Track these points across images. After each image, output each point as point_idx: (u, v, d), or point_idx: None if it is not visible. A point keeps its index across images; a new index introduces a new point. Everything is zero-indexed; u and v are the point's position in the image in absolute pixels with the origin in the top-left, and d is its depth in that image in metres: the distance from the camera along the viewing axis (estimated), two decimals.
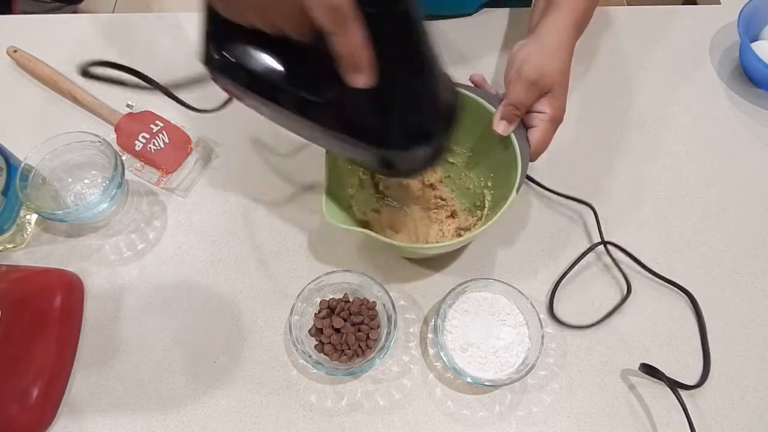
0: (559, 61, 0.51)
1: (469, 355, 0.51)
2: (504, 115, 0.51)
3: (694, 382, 0.52)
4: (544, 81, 0.49)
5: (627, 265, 0.58)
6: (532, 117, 0.51)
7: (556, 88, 0.50)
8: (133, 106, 0.66)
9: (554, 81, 0.50)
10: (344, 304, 0.54)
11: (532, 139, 0.51)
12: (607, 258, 0.59)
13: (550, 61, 0.50)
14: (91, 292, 0.58)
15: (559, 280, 0.57)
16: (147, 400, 0.52)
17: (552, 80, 0.50)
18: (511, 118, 0.51)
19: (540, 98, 0.51)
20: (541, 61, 0.50)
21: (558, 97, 0.51)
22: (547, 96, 0.51)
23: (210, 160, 0.65)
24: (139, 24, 0.76)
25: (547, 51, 0.51)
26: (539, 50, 0.51)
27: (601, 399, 0.52)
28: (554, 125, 0.51)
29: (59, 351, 0.53)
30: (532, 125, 0.51)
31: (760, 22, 0.69)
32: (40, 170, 0.59)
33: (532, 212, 0.62)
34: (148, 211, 0.62)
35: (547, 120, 0.50)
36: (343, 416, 0.51)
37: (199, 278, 0.58)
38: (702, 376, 0.53)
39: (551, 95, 0.50)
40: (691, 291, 0.56)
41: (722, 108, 0.69)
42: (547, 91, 0.50)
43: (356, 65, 0.34)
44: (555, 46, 0.51)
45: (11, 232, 0.58)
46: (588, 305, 0.57)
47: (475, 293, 0.54)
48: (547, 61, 0.50)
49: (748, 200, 0.62)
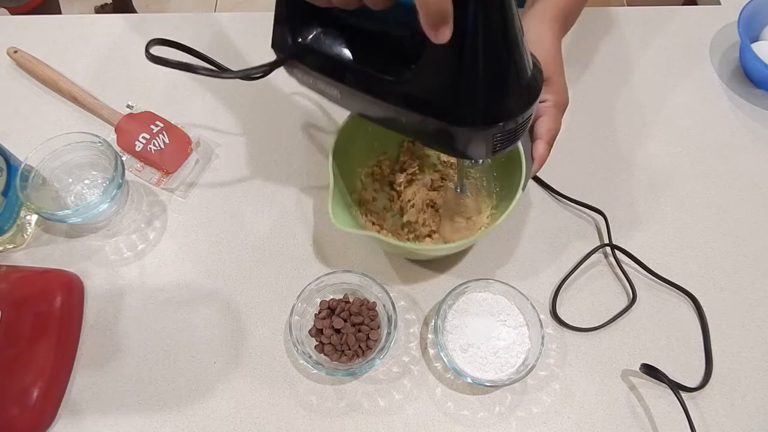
0: (544, 50, 0.51)
1: (470, 355, 0.51)
2: None
3: (696, 384, 0.52)
4: None
5: (631, 267, 0.58)
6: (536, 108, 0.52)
7: (551, 75, 0.51)
8: (133, 107, 0.66)
9: (545, 69, 0.50)
10: (344, 305, 0.54)
11: (542, 128, 0.51)
12: (611, 260, 0.59)
13: (533, 53, 0.51)
14: (91, 292, 0.58)
15: (563, 281, 0.57)
16: (147, 401, 0.52)
17: (543, 69, 0.50)
18: None
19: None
20: None
21: (555, 82, 0.51)
22: (544, 85, 0.51)
23: (210, 160, 0.65)
24: (140, 24, 0.76)
25: (529, 45, 0.52)
26: None
27: (601, 400, 0.52)
28: (559, 109, 0.51)
29: (59, 351, 0.53)
30: (540, 115, 0.51)
31: (760, 22, 0.69)
32: (40, 171, 0.59)
33: (531, 212, 0.62)
34: (149, 211, 0.62)
35: (551, 106, 0.51)
36: (343, 417, 0.51)
37: (200, 278, 0.58)
38: (704, 378, 0.53)
39: (548, 83, 0.51)
40: (691, 292, 0.56)
41: (722, 109, 0.68)
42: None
43: (441, 17, 0.32)
44: (535, 38, 0.52)
45: (11, 233, 0.58)
46: (590, 307, 0.56)
47: (476, 294, 0.54)
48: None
49: (748, 201, 0.62)
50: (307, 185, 0.64)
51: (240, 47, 0.73)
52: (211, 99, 0.70)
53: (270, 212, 0.62)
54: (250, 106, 0.69)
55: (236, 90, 0.70)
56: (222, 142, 0.67)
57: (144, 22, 0.76)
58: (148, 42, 0.44)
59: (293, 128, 0.68)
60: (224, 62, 0.49)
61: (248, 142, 0.67)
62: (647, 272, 0.57)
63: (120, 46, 0.74)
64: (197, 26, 0.76)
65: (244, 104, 0.69)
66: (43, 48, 0.71)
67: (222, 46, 0.73)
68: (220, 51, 0.73)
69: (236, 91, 0.70)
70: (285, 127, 0.68)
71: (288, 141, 0.67)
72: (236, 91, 0.70)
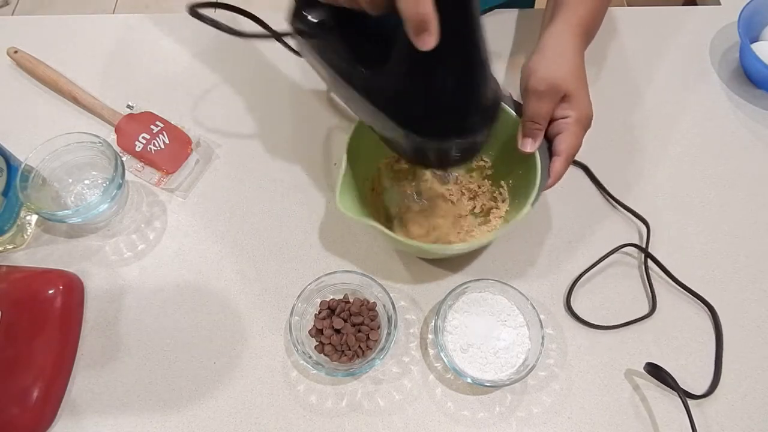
0: (566, 64, 0.51)
1: (470, 355, 0.51)
2: (526, 133, 0.51)
3: (702, 391, 0.52)
4: (554, 89, 0.49)
5: (655, 273, 0.58)
6: (557, 125, 0.51)
7: (573, 91, 0.50)
8: (133, 107, 0.66)
9: (567, 84, 0.50)
10: (344, 305, 0.54)
11: (561, 146, 0.50)
12: (633, 262, 0.59)
13: (554, 68, 0.50)
14: (91, 292, 0.58)
15: (581, 275, 0.57)
16: (147, 401, 0.52)
17: (564, 84, 0.50)
18: (534, 133, 0.51)
19: (559, 105, 0.50)
20: (546, 72, 0.50)
21: (578, 98, 0.50)
22: (566, 100, 0.50)
23: (210, 160, 0.65)
24: (139, 24, 0.76)
25: (550, 59, 0.51)
26: (543, 62, 0.51)
27: (601, 400, 0.52)
28: (581, 126, 0.51)
29: (59, 351, 0.53)
30: (560, 131, 0.51)
31: (760, 22, 0.69)
32: (40, 171, 0.59)
33: (531, 212, 0.62)
34: (149, 211, 0.62)
35: (573, 122, 0.50)
36: (343, 417, 0.51)
37: (200, 279, 0.58)
38: (711, 386, 0.52)
39: (570, 99, 0.50)
40: (708, 300, 0.56)
41: (722, 109, 0.68)
42: (564, 96, 0.50)
43: (423, 25, 0.33)
44: (557, 52, 0.51)
45: (11, 233, 0.58)
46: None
47: (476, 294, 0.54)
48: (552, 69, 0.50)
49: (748, 202, 0.62)
50: (307, 185, 0.63)
51: (240, 47, 0.73)
52: (211, 99, 0.70)
53: (270, 212, 0.62)
54: (250, 106, 0.69)
55: (235, 91, 0.70)
56: (222, 142, 0.67)
57: (144, 22, 0.76)
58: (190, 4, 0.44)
59: (293, 128, 0.68)
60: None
61: (248, 142, 0.67)
62: (671, 280, 0.57)
63: (120, 46, 0.74)
64: (197, 26, 0.76)
65: (244, 104, 0.69)
66: (43, 48, 0.71)
67: (222, 46, 0.73)
68: (220, 51, 0.73)
69: (235, 92, 0.70)
70: (285, 126, 0.68)
71: (288, 141, 0.67)
72: (235, 92, 0.70)
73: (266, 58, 0.72)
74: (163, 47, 0.74)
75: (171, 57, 0.73)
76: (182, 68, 0.72)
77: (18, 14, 1.85)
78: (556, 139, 0.51)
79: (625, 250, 0.59)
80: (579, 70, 0.52)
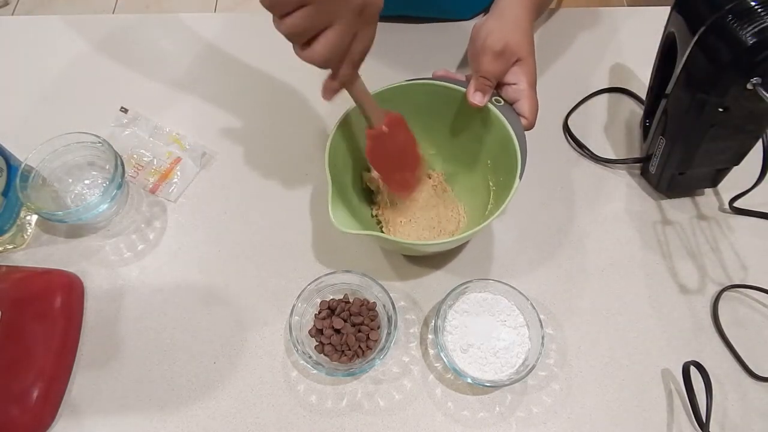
0: (522, 30, 0.53)
1: (470, 355, 0.51)
2: (477, 87, 0.52)
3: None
4: (510, 51, 0.52)
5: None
6: (511, 90, 0.53)
7: (525, 56, 0.52)
8: (127, 110, 0.66)
9: (521, 49, 0.52)
10: (344, 305, 0.54)
11: (524, 110, 0.52)
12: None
13: (512, 32, 0.52)
14: (91, 292, 0.58)
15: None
16: (147, 401, 0.52)
17: (518, 49, 0.52)
18: (484, 88, 0.52)
19: (510, 69, 0.53)
20: (503, 34, 0.52)
21: (528, 63, 0.53)
22: (516, 65, 0.53)
23: (209, 161, 0.65)
24: (139, 24, 0.76)
25: (508, 24, 0.53)
26: (500, 24, 0.53)
27: (601, 400, 0.52)
28: (534, 89, 0.53)
29: (59, 351, 0.53)
30: (517, 98, 0.53)
31: None
32: (40, 171, 0.59)
33: (531, 212, 0.62)
34: (148, 211, 0.62)
35: (527, 87, 0.53)
36: (343, 417, 0.51)
37: (199, 279, 0.58)
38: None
39: (521, 63, 0.53)
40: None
41: None
42: (515, 61, 0.52)
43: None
44: (515, 19, 0.54)
45: (11, 233, 0.58)
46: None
47: (476, 294, 0.54)
48: (510, 33, 0.52)
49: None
50: (306, 185, 0.63)
51: (240, 47, 0.73)
52: (210, 99, 0.70)
53: (269, 212, 0.62)
54: (248, 108, 0.69)
55: (235, 92, 0.70)
56: (221, 142, 0.67)
57: (142, 22, 0.76)
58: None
59: (292, 128, 0.68)
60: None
61: (247, 143, 0.67)
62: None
63: (118, 47, 0.74)
64: (197, 26, 0.76)
65: (243, 106, 0.69)
66: (43, 48, 0.71)
67: (222, 46, 0.73)
68: (220, 51, 0.73)
69: (235, 92, 0.70)
70: (283, 127, 0.68)
71: (286, 141, 0.67)
72: (235, 92, 0.70)
73: (265, 60, 0.72)
74: (163, 47, 0.74)
75: (171, 57, 0.73)
76: (181, 69, 0.72)
77: (18, 14, 1.85)
78: (516, 105, 0.53)
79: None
80: (531, 38, 0.54)
